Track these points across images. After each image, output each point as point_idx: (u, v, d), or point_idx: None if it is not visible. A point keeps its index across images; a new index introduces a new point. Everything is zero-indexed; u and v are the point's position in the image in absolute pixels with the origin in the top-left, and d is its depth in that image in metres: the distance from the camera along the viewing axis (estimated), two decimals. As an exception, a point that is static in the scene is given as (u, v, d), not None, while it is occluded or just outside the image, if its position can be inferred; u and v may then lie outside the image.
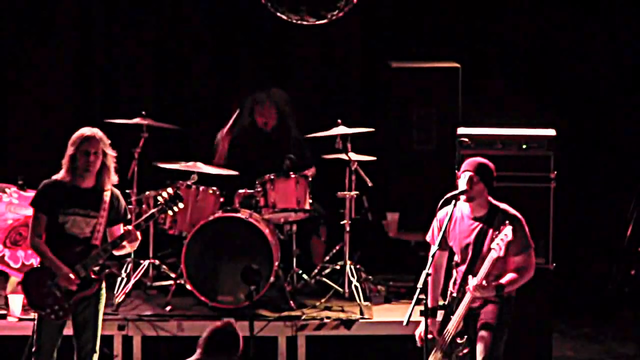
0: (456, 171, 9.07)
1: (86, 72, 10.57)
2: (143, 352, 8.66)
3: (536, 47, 10.69)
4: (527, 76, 10.66)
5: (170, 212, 7.54)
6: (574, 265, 10.26)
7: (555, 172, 8.92)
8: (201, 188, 9.15)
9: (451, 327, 7.33)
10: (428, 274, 7.02)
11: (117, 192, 7.41)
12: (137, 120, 9.35)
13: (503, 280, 7.18)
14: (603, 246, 10.43)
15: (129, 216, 7.50)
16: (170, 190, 7.53)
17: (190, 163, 9.20)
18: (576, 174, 10.42)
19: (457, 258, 7.44)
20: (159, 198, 7.51)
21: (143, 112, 9.40)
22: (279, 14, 8.72)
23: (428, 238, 7.52)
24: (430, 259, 7.20)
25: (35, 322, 7.32)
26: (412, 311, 7.00)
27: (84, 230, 7.26)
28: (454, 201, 7.29)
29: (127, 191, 9.20)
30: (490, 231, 7.25)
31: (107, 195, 7.30)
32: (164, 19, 10.63)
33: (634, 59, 10.65)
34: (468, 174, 7.33)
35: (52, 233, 7.27)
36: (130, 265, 9.24)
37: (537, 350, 8.65)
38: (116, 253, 7.45)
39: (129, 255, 9.25)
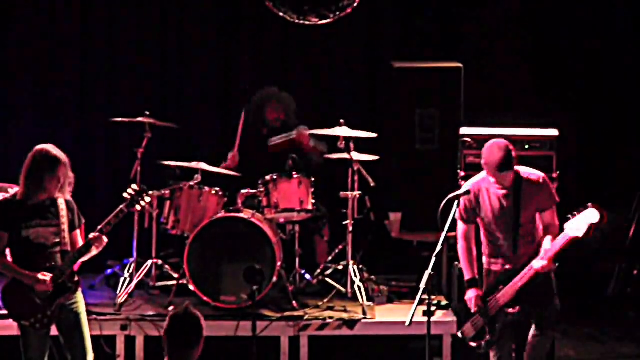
0: (458, 170, 9.11)
1: (88, 71, 10.56)
2: (145, 352, 8.66)
3: (538, 47, 10.69)
4: (529, 76, 10.66)
5: (138, 207, 7.51)
6: (576, 265, 10.25)
7: (558, 172, 8.92)
8: (204, 188, 9.16)
9: (501, 297, 7.46)
10: (431, 274, 7.03)
11: (69, 198, 7.40)
12: (140, 119, 9.37)
13: (559, 248, 7.31)
14: (606, 246, 10.41)
15: (83, 220, 7.49)
16: (135, 185, 7.52)
17: (194, 163, 9.20)
18: (579, 174, 10.41)
19: (492, 229, 7.58)
20: (125, 195, 7.49)
21: (146, 112, 9.41)
22: (281, 14, 8.72)
23: (456, 215, 7.60)
24: (458, 233, 7.61)
25: (21, 334, 7.30)
26: (414, 311, 7.00)
27: (49, 239, 7.25)
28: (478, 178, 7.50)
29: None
30: (524, 198, 7.43)
31: (61, 203, 7.30)
32: (168, 17, 10.63)
33: (637, 57, 10.65)
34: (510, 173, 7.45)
35: (20, 247, 7.26)
36: (133, 265, 9.25)
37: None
38: (83, 258, 7.41)
39: (130, 255, 9.29)
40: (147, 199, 7.52)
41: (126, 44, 10.57)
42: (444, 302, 9.04)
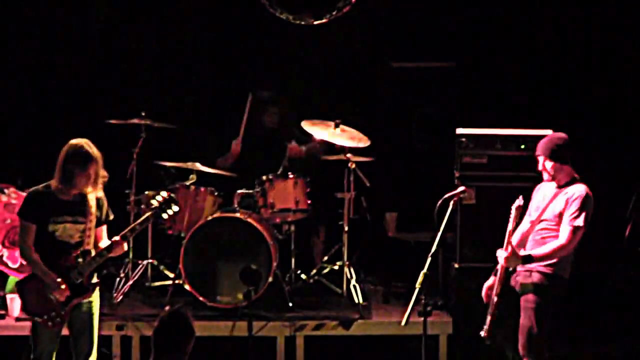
0: (454, 170, 9.11)
1: (86, 72, 10.56)
2: (142, 352, 8.67)
3: (536, 47, 10.69)
4: (526, 76, 10.66)
5: (164, 216, 7.47)
6: (573, 265, 10.24)
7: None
8: (200, 188, 9.16)
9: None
10: (426, 274, 7.04)
11: (101, 193, 7.38)
12: (135, 120, 9.37)
13: (533, 252, 7.37)
14: (602, 246, 10.41)
15: (111, 216, 7.47)
16: (164, 193, 7.47)
17: (189, 163, 9.20)
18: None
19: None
20: (153, 202, 7.44)
21: (142, 113, 9.41)
22: (278, 14, 8.72)
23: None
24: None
25: (32, 329, 7.30)
26: (410, 311, 7.00)
27: (74, 236, 7.24)
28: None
29: (127, 191, 9.23)
30: (560, 196, 7.51)
31: (91, 200, 7.28)
32: (164, 19, 10.63)
33: (633, 59, 10.65)
34: (541, 158, 7.54)
35: (43, 241, 7.23)
36: (129, 265, 9.25)
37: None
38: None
39: (126, 255, 9.28)
40: (176, 208, 7.46)
41: (123, 44, 10.56)
42: (440, 302, 9.04)
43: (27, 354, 7.44)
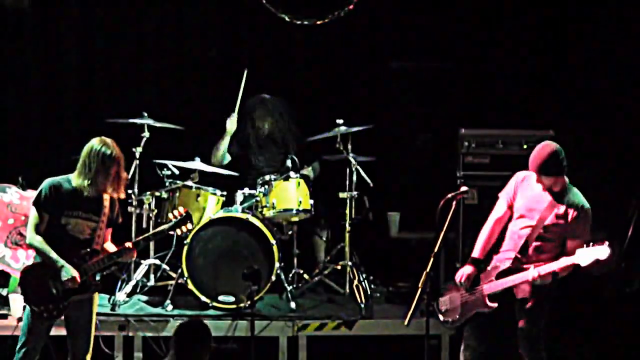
0: (457, 171, 9.11)
1: (88, 71, 10.56)
2: (144, 352, 8.67)
3: (536, 47, 10.70)
4: (527, 76, 10.66)
5: (178, 231, 7.51)
6: (574, 264, 10.24)
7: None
8: (202, 188, 9.16)
9: (488, 288, 7.45)
10: (429, 274, 7.05)
11: (116, 195, 7.39)
12: (137, 120, 9.36)
13: (557, 268, 7.30)
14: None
15: (120, 219, 7.49)
16: (182, 209, 7.51)
17: (192, 163, 9.20)
18: (575, 173, 10.41)
19: (517, 219, 7.57)
20: (170, 216, 7.48)
21: (144, 112, 9.40)
22: (279, 14, 8.73)
23: (501, 194, 7.69)
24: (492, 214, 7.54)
25: (26, 318, 7.32)
26: (413, 311, 7.01)
27: (84, 233, 7.26)
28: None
29: (128, 191, 9.22)
30: (561, 207, 7.39)
31: (106, 200, 7.30)
32: (166, 19, 10.63)
33: (633, 58, 10.66)
34: (535, 174, 7.42)
35: (54, 234, 7.26)
36: (131, 266, 9.24)
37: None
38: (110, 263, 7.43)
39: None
40: (190, 226, 7.52)
41: (126, 44, 10.56)
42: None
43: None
